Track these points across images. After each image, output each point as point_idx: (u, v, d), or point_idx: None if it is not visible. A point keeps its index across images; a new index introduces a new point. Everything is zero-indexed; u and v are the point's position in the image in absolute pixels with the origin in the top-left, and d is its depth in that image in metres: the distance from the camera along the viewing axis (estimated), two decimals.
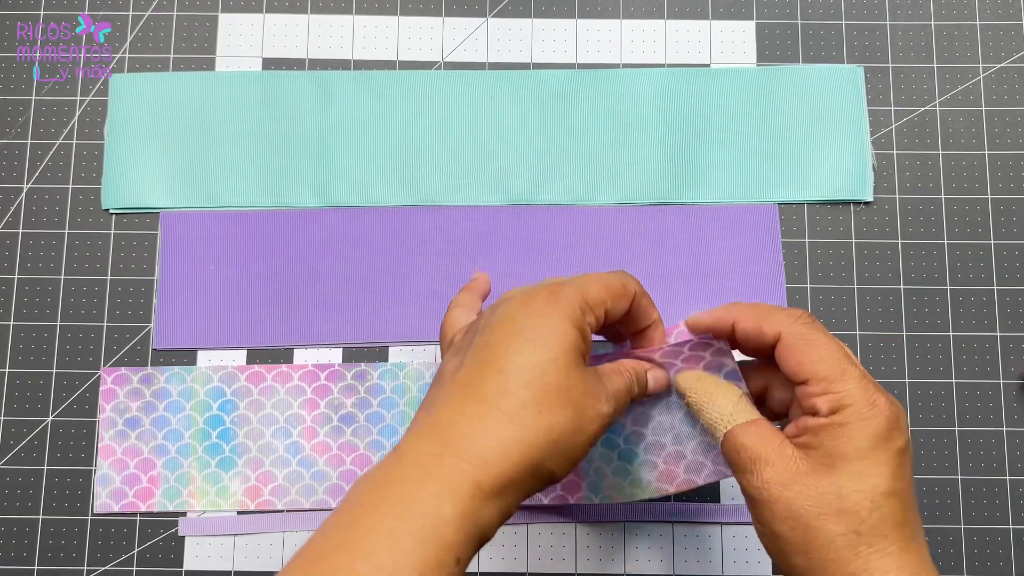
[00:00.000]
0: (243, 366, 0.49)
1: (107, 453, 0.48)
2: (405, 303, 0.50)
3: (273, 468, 0.48)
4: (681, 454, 0.39)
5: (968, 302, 0.50)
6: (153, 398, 0.49)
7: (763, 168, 0.52)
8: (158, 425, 0.49)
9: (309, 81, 0.53)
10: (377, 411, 0.49)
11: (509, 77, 0.53)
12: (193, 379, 0.49)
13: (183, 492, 0.48)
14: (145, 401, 0.49)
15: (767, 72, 0.53)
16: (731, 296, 0.50)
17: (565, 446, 0.32)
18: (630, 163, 0.52)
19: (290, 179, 0.51)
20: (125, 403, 0.49)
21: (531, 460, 0.31)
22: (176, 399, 0.49)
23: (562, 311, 0.33)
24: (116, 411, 0.49)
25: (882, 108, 0.53)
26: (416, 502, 0.29)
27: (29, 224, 0.51)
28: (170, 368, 0.49)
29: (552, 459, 0.31)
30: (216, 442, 0.49)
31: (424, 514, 0.28)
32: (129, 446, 0.48)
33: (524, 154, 0.52)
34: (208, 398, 0.49)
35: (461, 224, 0.51)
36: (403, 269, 0.51)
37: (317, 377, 0.49)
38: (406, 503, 0.28)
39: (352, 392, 0.49)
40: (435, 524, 0.28)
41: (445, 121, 0.52)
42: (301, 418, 0.49)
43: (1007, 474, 0.49)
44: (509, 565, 0.48)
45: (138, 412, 0.49)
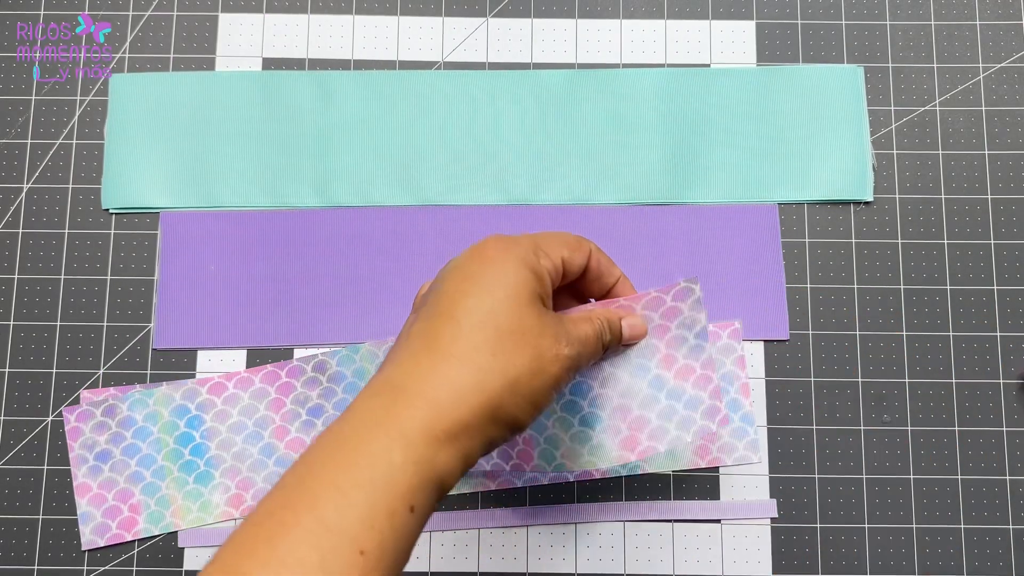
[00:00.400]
0: (202, 379, 0.49)
1: (83, 491, 0.48)
2: (405, 303, 0.50)
3: (251, 473, 0.48)
4: (646, 419, 0.39)
5: (968, 302, 0.50)
6: (119, 428, 0.48)
7: (763, 168, 0.52)
8: (129, 453, 0.48)
9: (309, 81, 0.53)
10: (343, 398, 0.49)
11: (509, 77, 0.53)
12: (155, 401, 0.49)
13: (166, 514, 0.48)
14: (112, 432, 0.48)
15: (767, 72, 0.53)
16: (731, 296, 0.50)
17: (525, 389, 0.31)
18: (630, 163, 0.52)
19: (290, 179, 0.51)
20: (92, 438, 0.48)
21: (487, 403, 0.30)
22: (142, 424, 0.48)
23: (514, 254, 0.33)
24: (85, 447, 0.48)
25: (882, 108, 0.53)
26: (364, 454, 0.28)
27: (29, 224, 0.51)
28: (131, 395, 0.49)
29: (511, 402, 0.31)
30: (190, 459, 0.48)
31: (372, 464, 0.28)
32: (104, 480, 0.48)
33: (524, 154, 0.52)
34: (174, 417, 0.49)
35: (461, 224, 0.51)
36: (403, 269, 0.51)
37: (278, 376, 0.49)
38: (354, 456, 0.28)
39: (315, 384, 0.49)
40: (385, 473, 0.28)
41: (445, 121, 0.52)
42: (270, 419, 0.49)
43: (1007, 474, 0.49)
44: (509, 565, 0.48)
45: (107, 444, 0.48)
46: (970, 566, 0.48)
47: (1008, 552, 0.48)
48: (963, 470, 0.49)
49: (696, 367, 0.39)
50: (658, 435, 0.39)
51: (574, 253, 0.35)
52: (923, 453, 0.49)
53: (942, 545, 0.48)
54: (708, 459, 0.48)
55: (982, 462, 0.49)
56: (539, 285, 0.33)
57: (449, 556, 0.48)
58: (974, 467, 0.49)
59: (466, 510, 0.48)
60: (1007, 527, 0.48)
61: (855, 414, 0.49)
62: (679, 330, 0.39)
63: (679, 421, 0.39)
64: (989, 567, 0.48)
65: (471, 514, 0.48)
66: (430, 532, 0.48)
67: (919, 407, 0.49)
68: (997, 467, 0.49)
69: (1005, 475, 0.49)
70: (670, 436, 0.39)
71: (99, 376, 0.50)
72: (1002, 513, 0.48)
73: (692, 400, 0.39)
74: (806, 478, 0.49)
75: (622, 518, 0.48)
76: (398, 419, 0.29)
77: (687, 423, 0.39)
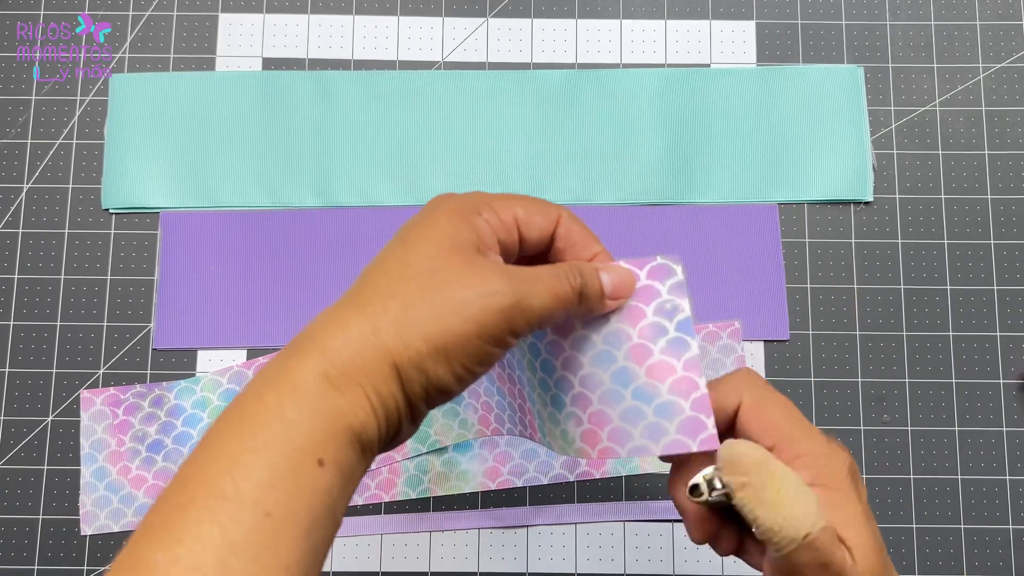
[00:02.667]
0: (248, 362, 0.49)
1: (139, 483, 0.48)
2: None
3: None
4: (606, 416, 0.33)
5: (968, 302, 0.50)
6: (169, 417, 0.49)
7: (763, 168, 0.52)
8: (181, 442, 0.48)
9: (309, 81, 0.53)
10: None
11: (509, 77, 0.53)
12: (203, 388, 0.49)
13: None
14: (162, 422, 0.49)
15: (767, 72, 0.53)
16: (731, 296, 0.50)
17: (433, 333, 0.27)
18: (630, 163, 0.52)
19: (290, 179, 0.51)
20: (143, 429, 0.49)
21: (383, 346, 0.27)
22: (191, 412, 0.49)
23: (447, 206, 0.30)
24: (136, 440, 0.48)
25: (882, 108, 0.53)
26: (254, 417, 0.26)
27: (29, 224, 0.51)
28: (176, 384, 0.49)
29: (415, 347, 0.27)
30: None
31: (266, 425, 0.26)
32: (159, 469, 0.48)
33: (524, 154, 0.52)
34: (222, 402, 0.49)
35: None
36: None
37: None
38: (244, 421, 0.26)
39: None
40: (280, 431, 0.25)
41: (445, 121, 0.52)
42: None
43: (1007, 474, 0.49)
44: (509, 565, 0.48)
45: (158, 435, 0.49)
46: (970, 566, 0.48)
47: (1008, 552, 0.48)
48: (963, 470, 0.49)
49: (676, 366, 0.32)
50: (618, 438, 0.33)
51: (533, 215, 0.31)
52: (923, 453, 0.49)
53: (942, 545, 0.48)
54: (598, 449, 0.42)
55: (982, 462, 0.49)
56: (472, 235, 0.30)
57: (449, 556, 0.48)
58: (974, 467, 0.49)
59: (466, 510, 0.48)
60: (1007, 527, 0.48)
61: (855, 414, 0.49)
62: (656, 317, 0.32)
63: (646, 428, 0.32)
64: (989, 567, 0.48)
65: (471, 514, 0.48)
66: (430, 532, 0.48)
67: (919, 407, 0.49)
68: (997, 467, 0.49)
69: (1005, 475, 0.49)
70: (633, 443, 0.32)
71: (99, 376, 0.50)
72: (1002, 513, 0.48)
73: (666, 407, 0.32)
74: None
75: (622, 518, 0.48)
76: (291, 374, 0.27)
77: (656, 433, 0.32)
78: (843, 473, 0.30)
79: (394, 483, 0.48)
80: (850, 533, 0.29)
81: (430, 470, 0.48)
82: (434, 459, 0.48)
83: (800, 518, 0.28)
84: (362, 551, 0.48)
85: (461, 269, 0.29)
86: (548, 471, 0.48)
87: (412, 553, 0.48)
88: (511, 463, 0.48)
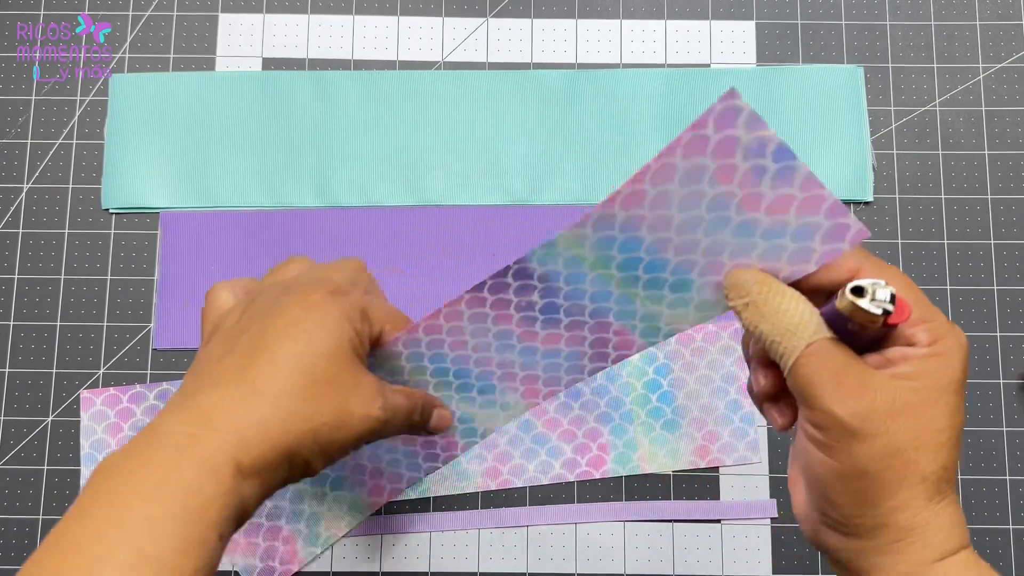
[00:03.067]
0: None
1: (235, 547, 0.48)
2: (403, 303, 0.50)
3: None
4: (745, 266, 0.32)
5: (968, 302, 0.50)
6: None
7: None
8: None
9: (309, 81, 0.53)
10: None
11: (509, 77, 0.53)
12: None
13: None
14: None
15: (767, 72, 0.53)
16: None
17: (325, 439, 0.32)
18: (630, 163, 0.52)
19: (290, 179, 0.51)
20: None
21: (288, 446, 0.30)
22: None
23: (343, 309, 0.33)
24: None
25: (882, 108, 0.53)
26: (175, 483, 0.28)
27: (29, 224, 0.51)
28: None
29: (309, 449, 0.31)
30: None
31: (185, 495, 0.28)
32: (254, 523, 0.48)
33: (524, 154, 0.52)
34: None
35: (461, 224, 0.51)
36: (403, 269, 0.51)
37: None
38: (164, 485, 0.28)
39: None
40: (198, 504, 0.28)
41: (445, 121, 0.52)
42: None
43: (1007, 474, 0.49)
44: (510, 565, 0.48)
45: None
46: None
47: (1008, 552, 0.48)
48: (963, 470, 0.49)
49: (794, 193, 0.31)
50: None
51: (395, 330, 0.37)
52: None
53: None
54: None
55: (982, 462, 0.49)
56: (360, 346, 0.34)
57: (449, 556, 0.48)
58: (974, 467, 0.49)
59: (466, 510, 0.48)
60: (1007, 527, 0.48)
61: None
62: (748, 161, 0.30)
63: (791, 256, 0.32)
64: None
65: (471, 514, 0.48)
66: (430, 532, 0.48)
67: None
68: (997, 467, 0.49)
69: (1005, 475, 0.49)
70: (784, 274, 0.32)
71: (99, 376, 0.50)
72: (1002, 513, 0.48)
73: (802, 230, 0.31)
74: None
75: (622, 518, 0.48)
76: (208, 450, 0.29)
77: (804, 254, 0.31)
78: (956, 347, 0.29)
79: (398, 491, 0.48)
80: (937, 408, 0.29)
81: None
82: None
83: (801, 327, 0.29)
84: (362, 551, 0.48)
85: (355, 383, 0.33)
86: (548, 471, 0.48)
87: (412, 553, 0.48)
88: (511, 463, 0.48)
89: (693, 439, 0.48)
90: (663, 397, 0.49)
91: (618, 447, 0.48)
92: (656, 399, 0.49)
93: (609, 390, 0.49)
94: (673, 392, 0.49)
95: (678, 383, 0.49)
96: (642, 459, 0.48)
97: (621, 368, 0.49)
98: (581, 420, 0.49)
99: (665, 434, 0.48)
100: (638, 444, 0.48)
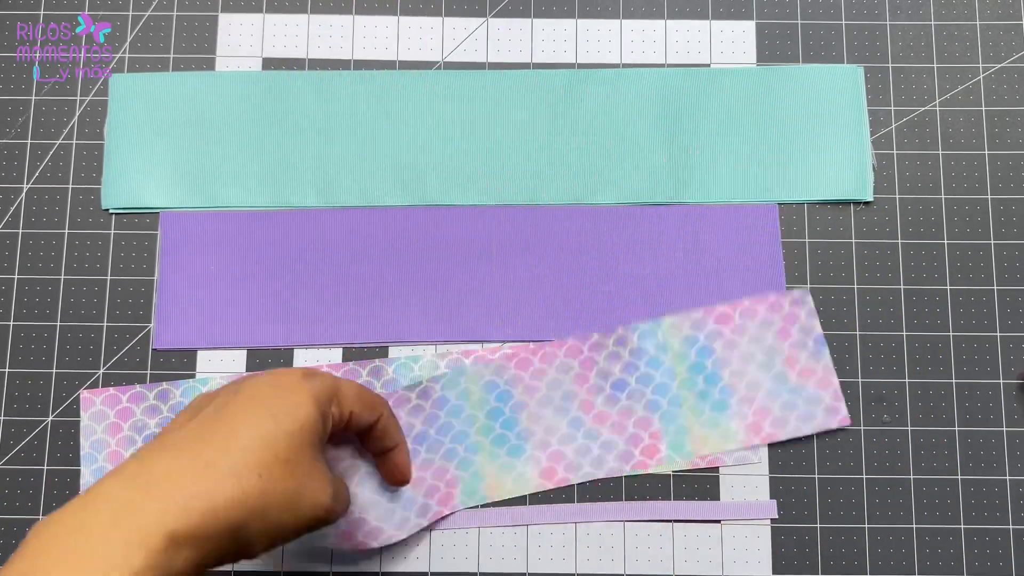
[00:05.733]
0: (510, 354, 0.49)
1: None
2: (405, 303, 0.50)
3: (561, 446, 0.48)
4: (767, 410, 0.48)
5: (968, 302, 0.50)
6: (171, 413, 0.48)
7: (763, 168, 0.52)
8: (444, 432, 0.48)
9: (309, 81, 0.53)
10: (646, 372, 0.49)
11: (510, 77, 0.53)
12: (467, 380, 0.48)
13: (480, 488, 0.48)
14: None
15: (767, 72, 0.53)
16: (731, 296, 0.50)
17: (275, 520, 0.31)
18: (630, 163, 0.52)
19: (290, 179, 0.51)
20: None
21: (234, 520, 0.30)
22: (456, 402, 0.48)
23: (310, 391, 0.33)
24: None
25: (882, 108, 0.53)
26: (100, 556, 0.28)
27: (29, 224, 0.51)
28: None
29: (257, 528, 0.31)
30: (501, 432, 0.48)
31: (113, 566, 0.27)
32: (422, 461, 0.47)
33: (525, 154, 0.52)
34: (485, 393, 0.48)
35: (461, 224, 0.51)
36: (403, 269, 0.51)
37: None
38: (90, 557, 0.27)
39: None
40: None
41: (446, 121, 0.52)
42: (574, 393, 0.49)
43: (1007, 474, 0.49)
44: (509, 565, 0.48)
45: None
46: (970, 566, 0.48)
47: (1008, 552, 0.48)
48: (963, 470, 0.49)
49: (817, 369, 0.48)
50: (779, 425, 0.47)
51: (365, 411, 0.37)
52: (923, 453, 0.49)
53: (942, 545, 0.48)
54: (762, 436, 0.48)
55: (982, 462, 0.49)
56: (323, 429, 0.34)
57: (449, 556, 0.48)
58: (974, 467, 0.49)
59: (464, 511, 0.48)
60: (1007, 527, 0.48)
61: (855, 414, 0.49)
62: (799, 335, 0.48)
63: (799, 416, 0.47)
64: (989, 567, 0.48)
65: (468, 514, 0.48)
66: (430, 531, 0.48)
67: (919, 407, 0.49)
68: (997, 467, 0.49)
69: (1005, 475, 0.49)
70: (789, 427, 0.47)
71: (99, 376, 0.50)
72: (1002, 513, 0.48)
73: (812, 398, 0.48)
74: (806, 478, 0.49)
75: (622, 518, 0.48)
76: (143, 518, 0.29)
77: (807, 418, 0.48)
78: None
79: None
80: None
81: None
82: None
83: None
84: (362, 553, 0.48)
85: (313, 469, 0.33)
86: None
87: (412, 553, 0.48)
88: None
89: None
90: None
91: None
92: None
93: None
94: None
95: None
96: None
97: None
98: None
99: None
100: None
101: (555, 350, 0.49)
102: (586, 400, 0.48)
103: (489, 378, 0.48)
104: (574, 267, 0.50)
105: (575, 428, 0.48)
